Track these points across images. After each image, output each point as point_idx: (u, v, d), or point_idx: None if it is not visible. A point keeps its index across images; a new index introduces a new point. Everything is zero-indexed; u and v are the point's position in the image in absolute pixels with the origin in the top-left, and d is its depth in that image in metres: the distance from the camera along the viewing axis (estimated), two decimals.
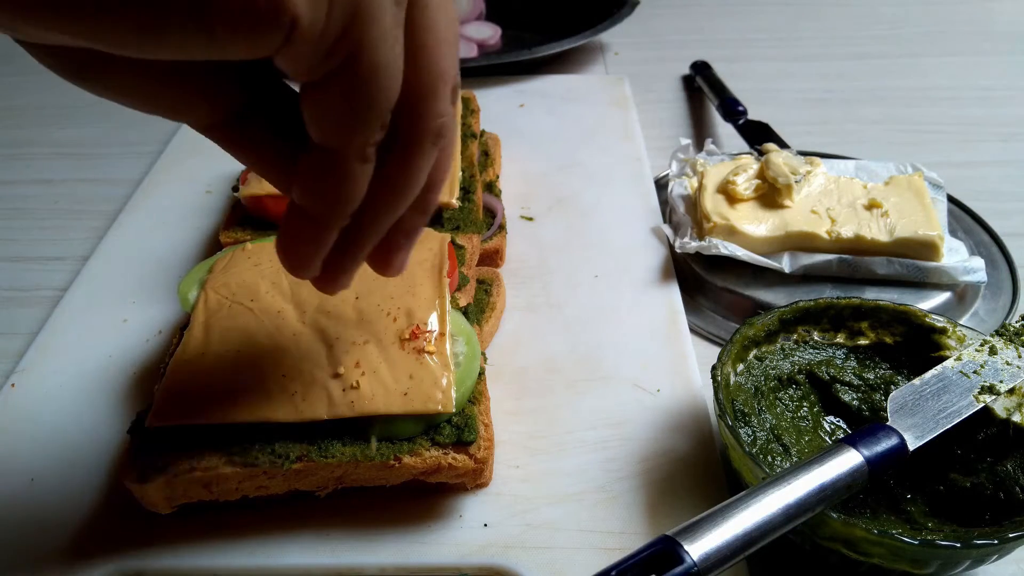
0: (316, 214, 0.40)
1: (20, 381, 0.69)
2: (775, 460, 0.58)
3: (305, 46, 0.32)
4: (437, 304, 0.60)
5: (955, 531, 0.53)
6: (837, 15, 1.46)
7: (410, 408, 0.54)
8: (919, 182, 0.82)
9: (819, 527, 0.50)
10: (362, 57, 0.34)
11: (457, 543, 0.56)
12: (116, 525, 0.57)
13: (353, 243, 0.43)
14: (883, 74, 1.25)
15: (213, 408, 0.54)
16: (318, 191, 0.39)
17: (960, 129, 1.09)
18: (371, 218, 0.42)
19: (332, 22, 0.32)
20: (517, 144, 1.01)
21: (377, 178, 0.40)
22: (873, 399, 0.63)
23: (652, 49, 1.35)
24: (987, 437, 0.58)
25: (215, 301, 0.62)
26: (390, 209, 0.42)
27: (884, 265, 0.76)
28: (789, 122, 1.04)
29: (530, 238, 0.86)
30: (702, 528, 0.44)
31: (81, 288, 0.80)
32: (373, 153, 0.38)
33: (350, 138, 0.37)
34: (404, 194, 0.42)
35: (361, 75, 0.34)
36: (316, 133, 0.37)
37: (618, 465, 0.61)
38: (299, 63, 0.33)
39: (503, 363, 0.70)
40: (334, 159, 0.38)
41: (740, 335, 0.62)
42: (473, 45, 1.34)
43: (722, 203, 0.81)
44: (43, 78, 1.42)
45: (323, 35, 0.32)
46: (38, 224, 0.95)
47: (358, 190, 0.39)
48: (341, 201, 0.39)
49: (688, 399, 0.67)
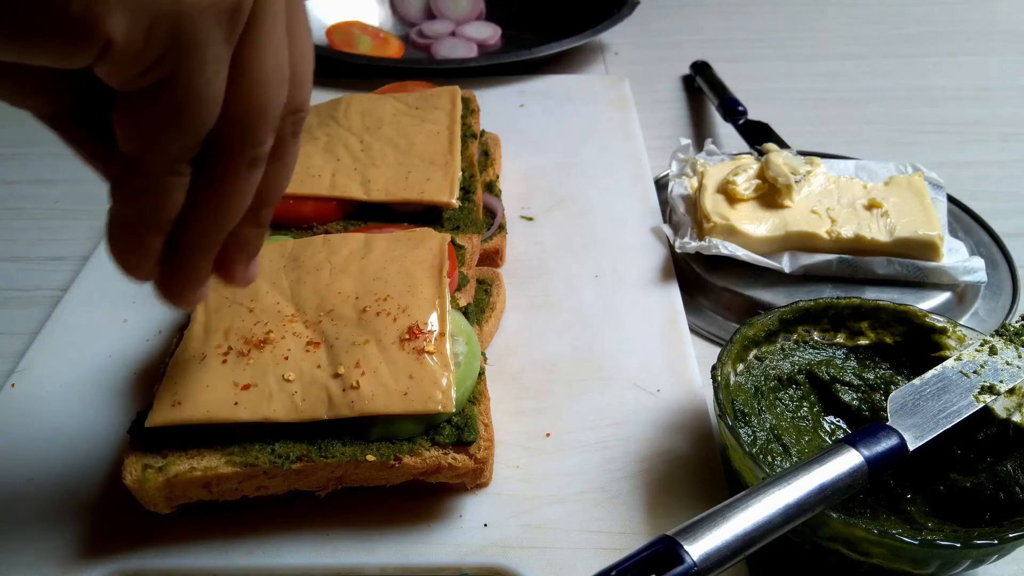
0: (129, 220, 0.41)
1: (20, 381, 0.69)
2: (775, 460, 0.58)
3: (119, 65, 0.34)
4: (437, 304, 0.60)
5: (955, 531, 0.53)
6: (837, 15, 1.46)
7: (410, 408, 0.54)
8: (919, 182, 0.82)
9: (819, 527, 0.50)
10: (177, 84, 0.35)
11: (457, 543, 0.56)
12: (116, 525, 0.57)
13: (183, 253, 0.44)
14: (883, 74, 1.25)
15: (213, 408, 0.54)
16: (124, 197, 0.41)
17: (960, 129, 1.09)
18: (195, 231, 0.43)
19: (149, 47, 0.33)
20: (517, 144, 1.01)
21: (197, 193, 0.41)
22: (873, 399, 0.63)
23: (652, 49, 1.35)
24: (987, 437, 0.58)
25: (215, 301, 0.62)
26: (211, 225, 0.44)
27: (884, 265, 0.76)
28: (789, 122, 1.04)
29: (530, 238, 0.86)
30: (702, 528, 0.44)
31: (81, 288, 0.80)
32: (187, 168, 0.40)
33: (157, 153, 0.38)
34: (224, 211, 0.43)
35: (174, 100, 0.36)
36: (123, 142, 0.38)
37: (618, 465, 0.61)
38: (112, 78, 0.35)
39: (503, 363, 0.70)
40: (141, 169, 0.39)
41: (740, 335, 0.62)
42: (473, 45, 1.34)
43: (722, 203, 0.81)
44: None
45: (139, 57, 0.34)
46: (38, 224, 0.95)
47: (167, 202, 0.41)
48: (148, 210, 0.41)
49: (688, 399, 0.67)
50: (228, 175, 0.42)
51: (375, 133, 0.83)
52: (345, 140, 0.82)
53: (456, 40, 1.35)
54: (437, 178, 0.77)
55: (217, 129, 0.39)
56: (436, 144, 0.81)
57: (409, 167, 0.78)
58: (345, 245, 0.66)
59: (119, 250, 0.43)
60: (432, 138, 0.82)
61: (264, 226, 0.48)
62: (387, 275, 0.63)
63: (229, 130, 0.40)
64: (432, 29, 1.38)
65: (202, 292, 0.47)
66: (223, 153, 0.41)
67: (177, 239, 0.43)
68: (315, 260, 0.65)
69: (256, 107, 0.40)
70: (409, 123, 0.84)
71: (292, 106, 0.43)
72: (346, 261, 0.64)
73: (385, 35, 1.34)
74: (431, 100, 0.88)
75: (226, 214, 0.43)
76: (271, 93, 0.40)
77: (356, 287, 0.62)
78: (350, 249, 0.66)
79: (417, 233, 0.68)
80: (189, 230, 0.43)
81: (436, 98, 0.89)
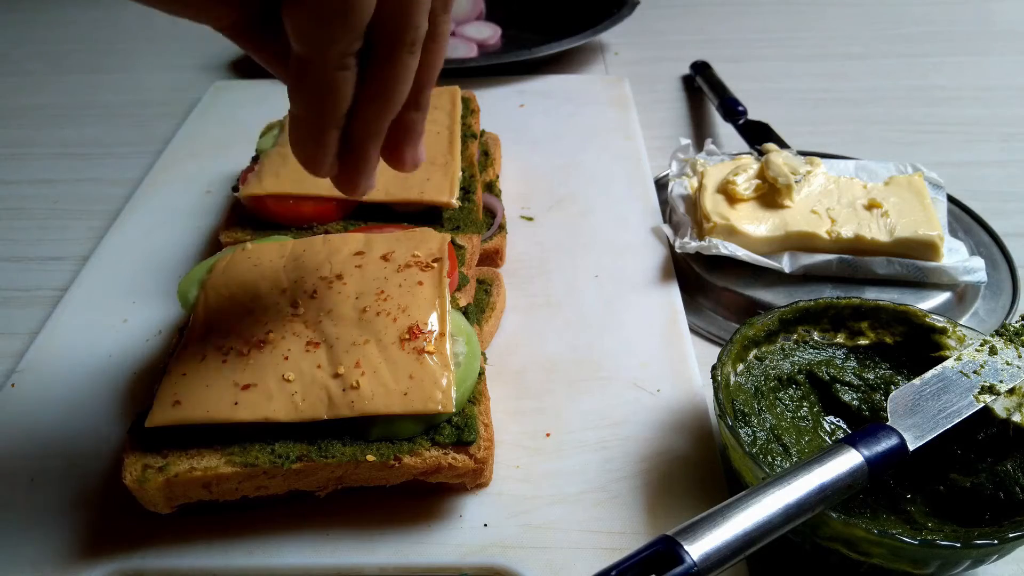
0: (304, 118, 0.45)
1: (20, 381, 0.69)
2: (775, 460, 0.58)
3: None
4: (437, 304, 0.60)
5: (955, 531, 0.53)
6: (837, 15, 1.46)
7: (410, 408, 0.54)
8: (919, 182, 0.82)
9: (819, 527, 0.50)
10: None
11: (457, 543, 0.56)
12: (116, 525, 0.57)
13: (356, 143, 0.47)
14: (883, 74, 1.25)
15: (213, 408, 0.54)
16: (302, 97, 0.44)
17: (960, 129, 1.09)
18: (363, 120, 0.46)
19: None
20: (517, 144, 1.01)
21: (362, 84, 0.44)
22: (873, 399, 0.63)
23: (652, 49, 1.36)
24: (987, 437, 0.58)
25: (215, 301, 0.62)
26: (379, 112, 0.46)
27: (884, 265, 0.76)
28: (789, 122, 1.04)
29: (530, 238, 0.86)
30: (702, 528, 0.44)
31: (81, 288, 0.80)
32: (352, 62, 0.43)
33: (325, 48, 0.41)
34: (389, 98, 0.46)
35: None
36: (294, 42, 0.41)
37: (618, 465, 0.61)
38: None
39: (503, 363, 0.70)
40: (313, 67, 0.42)
41: (740, 335, 0.62)
42: (473, 45, 1.34)
43: (722, 203, 0.81)
44: (43, 78, 1.43)
45: None
46: (38, 224, 0.95)
47: (339, 96, 0.44)
48: (324, 106, 0.44)
49: (688, 399, 0.67)
50: (391, 62, 0.44)
51: None
52: None
53: (456, 40, 1.35)
54: (437, 178, 0.77)
55: (377, 20, 0.41)
56: (436, 144, 0.81)
57: None
58: (345, 245, 0.66)
59: (301, 148, 0.46)
60: (432, 138, 0.82)
61: (424, 109, 0.50)
62: (387, 275, 0.63)
63: (388, 18, 0.42)
64: None
65: (373, 180, 0.51)
66: (385, 42, 0.43)
67: (350, 131, 0.47)
68: (315, 260, 0.65)
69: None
70: None
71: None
72: (346, 261, 0.64)
73: None
74: (431, 100, 0.88)
75: (391, 100, 0.46)
76: None
77: (356, 287, 0.62)
78: (350, 249, 0.66)
79: (417, 233, 0.68)
80: (359, 120, 0.46)
81: (436, 98, 0.89)
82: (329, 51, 0.41)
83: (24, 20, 1.53)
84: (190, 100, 1.16)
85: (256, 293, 0.62)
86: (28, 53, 1.40)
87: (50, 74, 1.33)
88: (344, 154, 0.48)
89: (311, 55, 0.41)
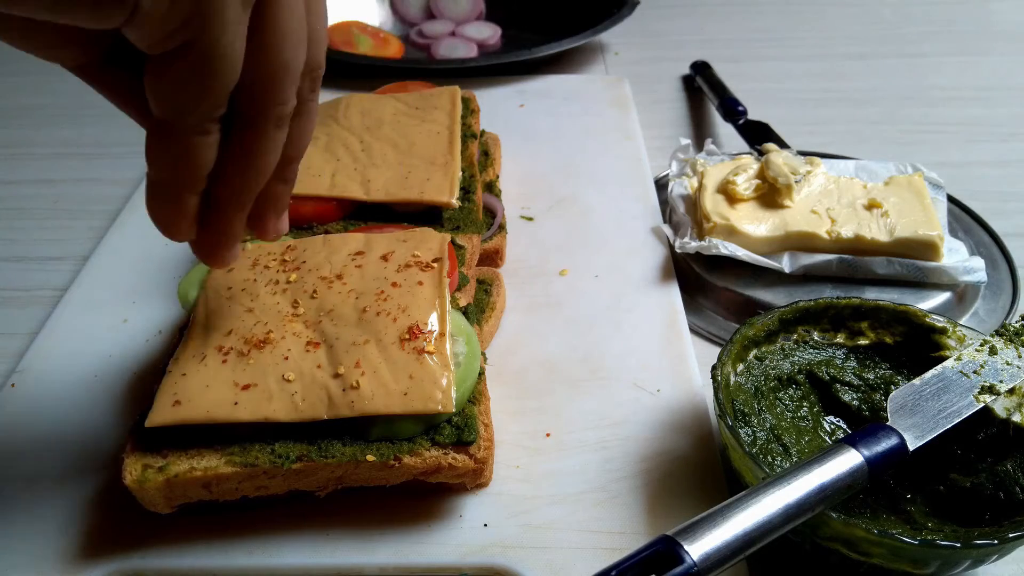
0: (163, 180, 0.44)
1: (20, 381, 0.69)
2: (775, 460, 0.58)
3: (146, 28, 0.36)
4: (437, 304, 0.60)
5: (955, 531, 0.53)
6: (837, 15, 1.46)
7: (410, 408, 0.54)
8: (919, 182, 0.82)
9: (819, 527, 0.50)
10: (201, 45, 0.38)
11: (457, 543, 0.56)
12: (116, 525, 0.57)
13: (219, 211, 0.47)
14: (883, 74, 1.25)
15: (213, 408, 0.54)
16: (159, 160, 0.43)
17: (960, 129, 1.09)
18: (229, 189, 0.46)
19: (174, 11, 0.36)
20: (517, 144, 1.01)
21: (227, 153, 0.44)
22: (873, 399, 0.63)
23: (652, 49, 1.35)
24: (987, 437, 0.58)
25: (215, 301, 0.62)
26: (244, 183, 0.46)
27: (884, 265, 0.76)
28: (789, 122, 1.04)
29: (530, 238, 0.86)
30: (702, 528, 0.44)
31: (81, 288, 0.80)
32: (215, 127, 0.43)
33: (185, 113, 0.41)
34: (255, 169, 0.46)
35: (198, 60, 0.39)
36: (154, 105, 0.41)
37: (618, 465, 0.61)
38: (141, 40, 0.38)
39: (503, 363, 0.70)
40: (172, 130, 0.42)
41: (740, 335, 0.62)
42: (473, 45, 1.34)
43: (722, 203, 0.81)
44: (43, 78, 1.42)
45: (164, 21, 0.36)
46: (38, 224, 0.95)
47: (198, 161, 0.43)
48: (181, 170, 0.44)
49: (688, 399, 0.67)
50: (256, 134, 0.44)
51: (375, 133, 0.83)
52: (345, 140, 0.82)
53: (456, 40, 1.35)
54: (437, 178, 0.77)
55: (243, 89, 0.42)
56: (436, 144, 0.81)
57: (409, 167, 0.78)
58: (345, 245, 0.66)
59: (157, 210, 0.46)
60: (432, 138, 0.82)
61: (291, 182, 0.51)
62: (387, 275, 0.63)
63: (254, 90, 0.42)
64: (432, 29, 1.38)
65: (236, 251, 0.51)
66: (250, 112, 0.43)
67: (212, 199, 0.46)
68: (315, 260, 0.65)
69: (278, 66, 0.42)
70: (409, 123, 0.84)
71: (311, 64, 0.45)
72: (346, 261, 0.64)
73: (385, 35, 1.34)
74: (431, 100, 0.88)
75: (257, 171, 0.46)
76: (292, 51, 0.42)
77: (356, 287, 0.62)
78: (350, 249, 0.66)
79: (417, 233, 0.68)
80: (223, 189, 0.46)
81: (436, 98, 0.89)
82: (189, 116, 0.41)
83: None
84: None
85: (256, 293, 0.62)
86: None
87: (50, 74, 1.32)
88: (207, 221, 0.48)
89: (171, 118, 0.41)
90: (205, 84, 0.40)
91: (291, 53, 0.42)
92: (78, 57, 0.44)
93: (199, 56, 0.38)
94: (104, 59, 0.45)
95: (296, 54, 0.43)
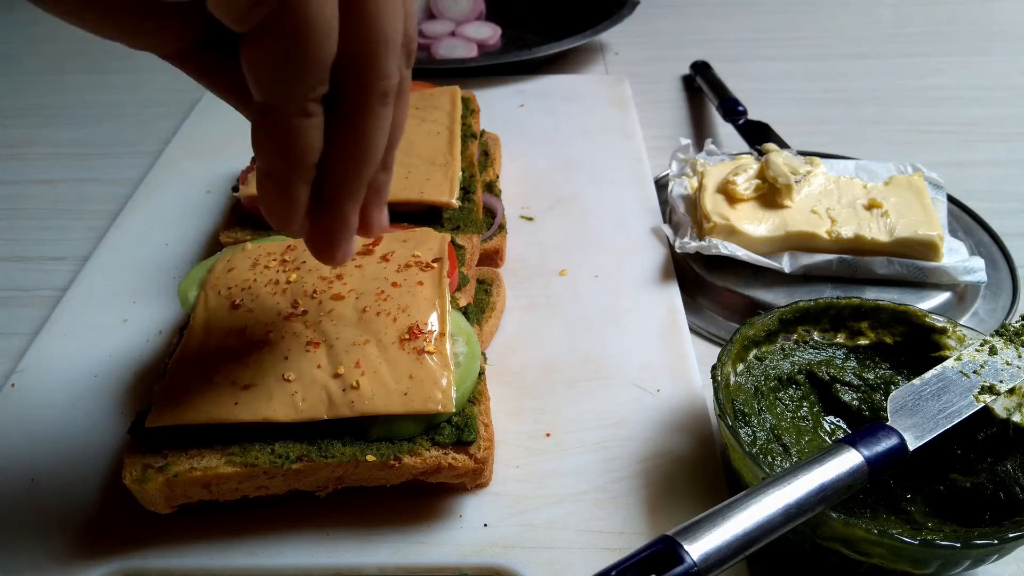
0: (271, 169, 0.42)
1: (20, 381, 0.69)
2: (775, 460, 0.58)
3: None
4: (437, 304, 0.60)
5: (955, 531, 0.53)
6: (837, 15, 1.46)
7: (410, 408, 0.54)
8: (919, 182, 0.82)
9: (819, 527, 0.50)
10: (290, 10, 0.36)
11: (457, 543, 0.56)
12: (116, 525, 0.57)
13: (331, 203, 0.44)
14: (883, 74, 1.25)
15: (213, 408, 0.54)
16: (265, 148, 0.41)
17: (960, 129, 1.09)
18: (338, 178, 0.43)
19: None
20: (517, 144, 1.01)
21: (334, 137, 0.42)
22: (873, 399, 0.63)
23: (652, 49, 1.36)
24: (987, 437, 0.58)
25: (215, 301, 0.62)
26: (355, 168, 0.44)
27: (884, 265, 0.76)
28: (789, 122, 1.04)
29: (530, 238, 0.86)
30: (702, 528, 0.44)
31: (81, 288, 0.80)
32: (318, 108, 0.40)
33: (285, 93, 0.38)
34: (364, 151, 0.43)
35: (290, 29, 0.36)
36: (253, 87, 0.39)
37: (618, 465, 0.61)
38: (227, 11, 0.36)
39: (503, 363, 0.70)
40: (274, 114, 0.39)
41: (740, 335, 0.62)
42: (473, 45, 1.34)
43: (722, 203, 0.81)
44: (43, 78, 1.42)
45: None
46: (38, 224, 0.95)
47: (304, 145, 0.41)
48: (288, 156, 0.41)
49: (688, 399, 0.67)
50: (363, 112, 0.42)
51: None
52: None
53: (456, 40, 1.35)
54: (437, 178, 0.77)
55: (343, 66, 0.39)
56: (436, 144, 0.81)
57: (409, 167, 0.78)
58: None
59: (268, 202, 0.43)
60: (432, 138, 0.82)
61: (390, 170, 0.48)
62: (387, 275, 0.63)
63: (356, 63, 0.40)
64: (432, 29, 1.38)
65: (352, 246, 0.47)
66: (354, 90, 0.41)
67: (323, 190, 0.44)
68: (315, 260, 0.65)
69: (380, 36, 0.40)
70: (409, 123, 0.84)
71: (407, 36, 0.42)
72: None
73: None
74: (431, 100, 0.88)
75: (366, 153, 0.43)
76: (391, 21, 0.40)
77: (356, 287, 0.62)
78: None
79: (417, 233, 0.68)
80: (333, 176, 0.43)
81: (436, 98, 0.89)
82: (290, 94, 0.39)
83: (24, 20, 1.53)
84: (190, 100, 1.16)
85: (256, 293, 0.62)
86: (28, 53, 1.40)
87: (50, 74, 1.33)
88: (319, 214, 0.45)
89: (271, 99, 0.39)
90: (300, 56, 0.37)
91: (390, 22, 0.40)
92: (172, 41, 0.42)
93: (289, 25, 0.36)
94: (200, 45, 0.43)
95: (395, 24, 0.40)
